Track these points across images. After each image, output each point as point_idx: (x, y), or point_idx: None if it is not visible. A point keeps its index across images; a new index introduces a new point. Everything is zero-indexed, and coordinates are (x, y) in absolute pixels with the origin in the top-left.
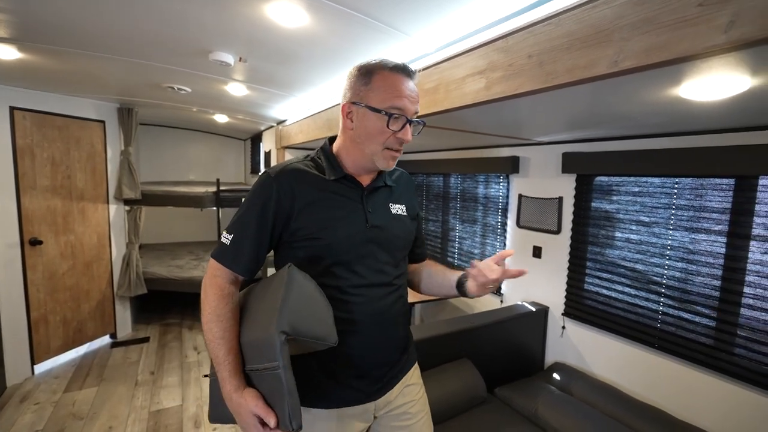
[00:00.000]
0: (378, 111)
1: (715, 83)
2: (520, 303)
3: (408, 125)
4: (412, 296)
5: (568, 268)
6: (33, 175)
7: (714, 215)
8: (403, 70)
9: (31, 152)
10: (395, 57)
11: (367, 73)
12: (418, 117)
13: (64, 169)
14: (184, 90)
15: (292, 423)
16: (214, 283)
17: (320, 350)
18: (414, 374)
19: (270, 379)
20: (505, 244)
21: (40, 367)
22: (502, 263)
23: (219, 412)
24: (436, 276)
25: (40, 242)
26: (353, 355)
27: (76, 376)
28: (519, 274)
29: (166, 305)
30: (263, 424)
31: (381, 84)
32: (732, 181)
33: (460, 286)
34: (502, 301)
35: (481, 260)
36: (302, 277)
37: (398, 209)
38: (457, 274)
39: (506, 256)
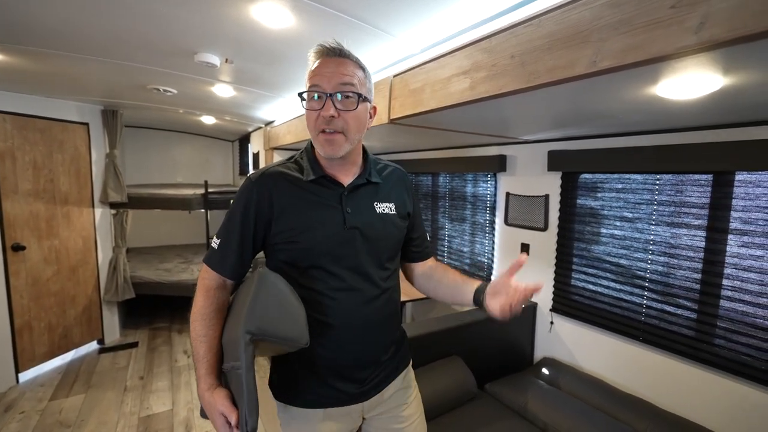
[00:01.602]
0: (300, 95)
1: (689, 82)
2: None
3: (329, 100)
4: (402, 295)
5: (555, 265)
6: (14, 179)
7: (694, 210)
8: (321, 52)
9: (12, 156)
10: (381, 58)
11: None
12: (401, 119)
13: (47, 172)
14: (170, 91)
15: (247, 424)
16: (203, 284)
17: (303, 350)
18: (407, 376)
19: (235, 379)
20: (493, 242)
21: (25, 375)
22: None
23: None
24: (449, 285)
25: (23, 247)
26: (335, 358)
27: (63, 383)
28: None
29: (155, 309)
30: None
31: (307, 73)
32: (710, 177)
33: (478, 301)
34: None
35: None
36: (274, 278)
37: (385, 208)
38: (474, 285)
39: (521, 265)
